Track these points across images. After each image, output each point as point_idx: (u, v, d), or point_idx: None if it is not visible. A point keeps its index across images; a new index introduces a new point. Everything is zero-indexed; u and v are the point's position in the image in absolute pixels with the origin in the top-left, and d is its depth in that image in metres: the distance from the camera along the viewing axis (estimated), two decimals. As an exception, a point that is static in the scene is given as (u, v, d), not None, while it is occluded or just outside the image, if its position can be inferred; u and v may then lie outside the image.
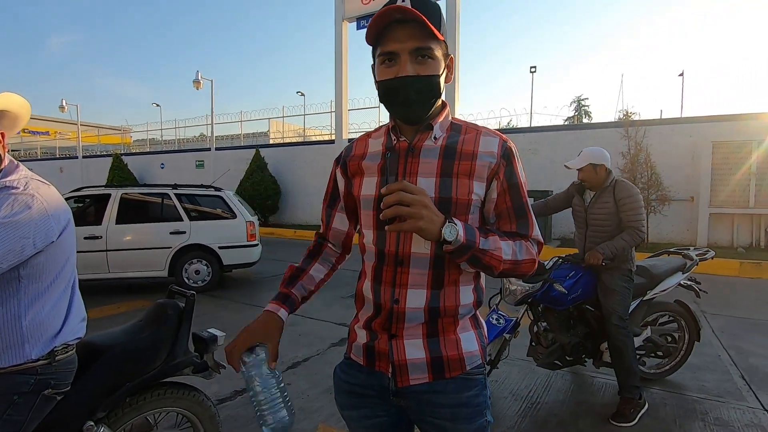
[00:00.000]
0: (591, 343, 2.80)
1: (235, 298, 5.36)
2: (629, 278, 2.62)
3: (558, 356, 2.74)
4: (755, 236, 8.24)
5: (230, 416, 2.54)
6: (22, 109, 1.25)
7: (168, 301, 1.66)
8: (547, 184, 9.51)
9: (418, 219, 0.79)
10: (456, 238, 0.82)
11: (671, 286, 2.91)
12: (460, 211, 0.91)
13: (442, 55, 0.91)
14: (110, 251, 5.23)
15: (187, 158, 16.35)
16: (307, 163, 13.38)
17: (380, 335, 0.97)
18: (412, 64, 0.87)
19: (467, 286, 0.97)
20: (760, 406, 2.67)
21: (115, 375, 1.44)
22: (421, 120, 0.93)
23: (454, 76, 5.56)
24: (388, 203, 0.79)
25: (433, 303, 0.93)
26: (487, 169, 0.92)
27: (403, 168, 0.94)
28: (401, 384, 0.95)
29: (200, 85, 14.16)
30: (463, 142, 0.94)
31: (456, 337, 0.95)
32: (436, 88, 0.90)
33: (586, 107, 32.31)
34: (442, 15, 0.90)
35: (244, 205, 6.23)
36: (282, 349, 1.01)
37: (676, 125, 9.02)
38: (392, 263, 0.94)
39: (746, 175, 7.91)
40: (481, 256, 0.86)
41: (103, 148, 24.68)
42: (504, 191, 0.93)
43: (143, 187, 6.12)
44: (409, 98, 0.89)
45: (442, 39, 0.90)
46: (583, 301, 2.74)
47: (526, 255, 0.92)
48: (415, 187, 0.81)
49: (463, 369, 0.95)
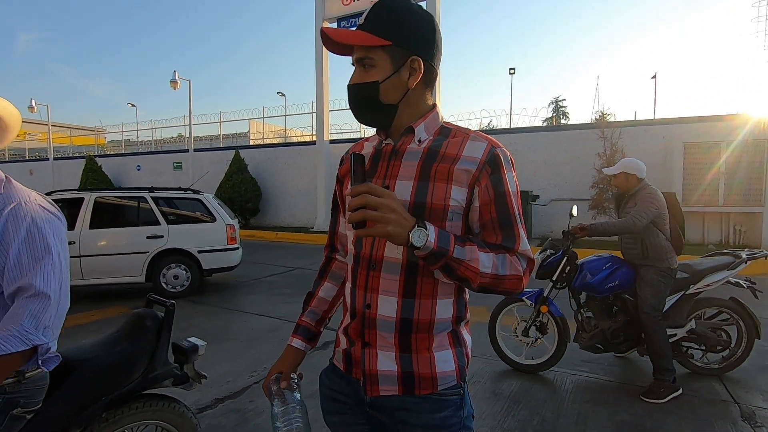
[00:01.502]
0: (632, 330, 3.02)
1: (216, 303, 5.26)
2: (666, 274, 2.88)
3: (599, 340, 3.03)
4: (724, 233, 8.56)
5: (211, 425, 2.49)
6: (12, 119, 1.17)
7: (146, 311, 1.61)
8: (525, 185, 9.67)
9: (386, 223, 0.77)
10: (425, 244, 0.78)
11: (716, 281, 3.03)
12: (435, 216, 0.88)
13: (392, 59, 0.89)
14: (84, 257, 5.06)
15: (164, 160, 15.98)
16: (288, 165, 13.24)
17: (356, 342, 0.97)
18: (358, 73, 0.92)
19: (446, 300, 0.93)
20: (732, 398, 2.77)
21: (90, 390, 1.39)
22: (376, 124, 0.96)
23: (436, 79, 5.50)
24: (353, 206, 0.77)
25: (405, 314, 0.91)
26: (468, 175, 0.88)
27: (384, 171, 0.93)
28: (371, 393, 0.94)
29: (177, 85, 13.85)
30: (447, 146, 0.91)
31: (430, 355, 0.92)
32: (375, 93, 0.90)
33: (563, 108, 32.94)
34: (401, 18, 0.89)
35: (223, 207, 6.12)
36: (264, 355, 1.04)
37: (650, 126, 9.30)
38: (366, 266, 0.94)
39: (716, 175, 8.21)
40: (455, 266, 0.82)
41: (76, 150, 23.89)
42: (489, 200, 0.88)
43: (118, 191, 5.95)
44: (355, 104, 0.94)
45: (387, 44, 0.88)
46: (621, 291, 3.01)
47: (510, 270, 0.86)
48: (383, 190, 0.79)
49: (434, 389, 0.92)
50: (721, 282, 3.05)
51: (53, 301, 1.12)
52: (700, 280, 3.02)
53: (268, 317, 4.60)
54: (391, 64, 0.89)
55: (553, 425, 2.48)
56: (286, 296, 5.50)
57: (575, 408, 2.67)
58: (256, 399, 2.79)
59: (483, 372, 3.20)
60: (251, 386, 2.97)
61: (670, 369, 2.78)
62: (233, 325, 4.37)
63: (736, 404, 2.70)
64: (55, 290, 1.13)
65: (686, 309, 3.05)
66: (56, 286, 1.14)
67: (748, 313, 3.03)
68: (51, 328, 1.12)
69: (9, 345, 1.04)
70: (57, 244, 1.16)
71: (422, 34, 0.91)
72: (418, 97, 0.94)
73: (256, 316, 4.67)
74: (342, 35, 0.90)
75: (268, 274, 6.92)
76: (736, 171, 8.08)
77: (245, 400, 2.78)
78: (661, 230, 2.87)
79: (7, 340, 1.04)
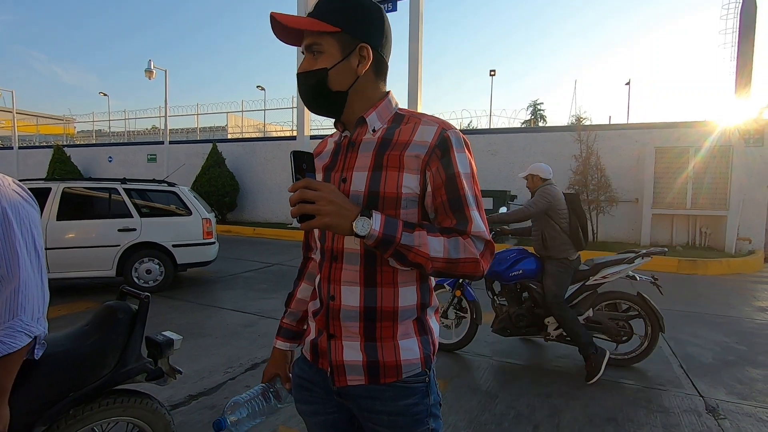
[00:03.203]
0: (535, 316, 3.34)
1: (190, 298, 5.13)
2: (565, 265, 3.21)
3: (506, 324, 3.38)
4: (691, 235, 8.91)
5: (184, 422, 2.42)
6: None
7: (118, 304, 1.55)
8: (504, 184, 9.82)
9: (324, 215, 0.79)
10: (369, 232, 0.80)
11: (613, 273, 3.28)
12: (389, 205, 0.87)
13: (340, 46, 0.89)
14: (50, 249, 4.84)
15: (138, 152, 15.47)
16: (267, 160, 13.04)
17: (323, 333, 0.97)
18: (307, 60, 0.92)
19: (408, 287, 0.93)
20: (696, 392, 2.88)
21: (57, 385, 1.32)
22: (327, 113, 0.95)
23: (418, 78, 5.64)
24: (292, 201, 0.79)
25: (368, 302, 0.91)
26: (417, 160, 0.87)
27: (342, 163, 0.94)
28: (338, 384, 0.95)
29: (153, 74, 13.45)
30: (400, 133, 0.91)
31: (395, 344, 0.92)
32: (323, 80, 0.89)
33: (541, 111, 33.57)
34: (351, 6, 0.89)
35: (200, 201, 5.97)
36: (241, 351, 1.04)
37: (623, 131, 9.58)
38: (329, 258, 0.95)
39: (685, 179, 8.54)
40: (404, 252, 0.82)
41: (43, 139, 22.85)
42: (440, 184, 0.87)
43: (89, 181, 5.71)
44: (304, 93, 0.93)
45: (335, 30, 0.88)
46: (526, 279, 3.34)
47: (464, 253, 0.84)
48: (320, 183, 0.80)
49: (398, 377, 0.92)
50: (620, 275, 3.28)
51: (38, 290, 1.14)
52: (598, 273, 3.30)
53: (244, 313, 4.52)
54: (340, 51, 0.89)
55: (529, 419, 2.53)
56: (262, 292, 5.41)
57: (550, 402, 2.73)
58: (232, 395, 2.73)
59: (459, 367, 3.23)
60: (227, 382, 2.91)
61: (589, 342, 3.08)
62: (209, 321, 4.27)
63: (701, 397, 2.81)
64: (37, 280, 1.13)
65: (590, 300, 3.31)
66: (37, 275, 1.14)
67: (651, 307, 3.22)
68: (42, 318, 1.16)
69: (18, 341, 1.08)
70: (34, 231, 1.15)
71: (372, 22, 0.92)
72: (368, 86, 0.94)
73: (232, 311, 4.58)
74: (291, 20, 0.88)
75: (245, 269, 6.80)
76: (704, 176, 8.42)
77: (220, 397, 2.73)
78: (557, 223, 3.21)
79: (14, 337, 1.08)
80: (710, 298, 5.49)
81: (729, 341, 3.90)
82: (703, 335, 4.05)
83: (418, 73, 9.81)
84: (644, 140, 9.09)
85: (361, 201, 0.88)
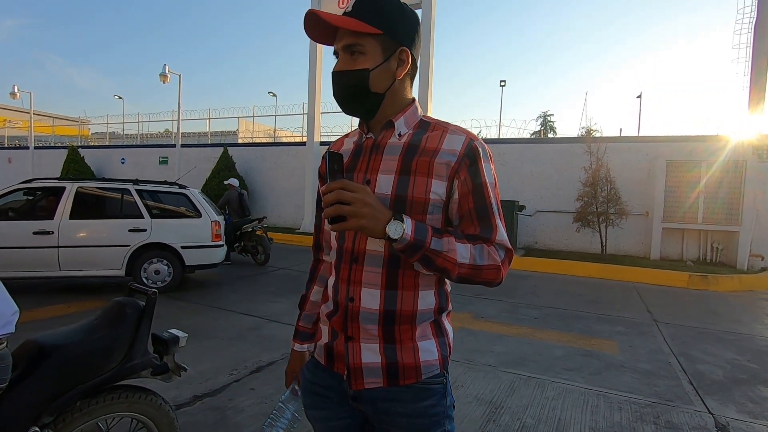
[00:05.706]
0: None
1: (197, 300, 5.16)
2: None
3: None
4: (702, 250, 8.77)
5: (189, 423, 2.43)
6: None
7: (127, 299, 1.57)
8: (512, 195, 9.78)
9: (360, 217, 0.78)
10: (401, 236, 0.80)
11: None
12: (416, 210, 0.88)
13: (382, 48, 0.90)
14: (62, 248, 4.92)
15: (150, 154, 15.69)
16: (277, 165, 13.14)
17: (339, 335, 0.97)
18: (344, 60, 0.91)
19: (427, 291, 0.94)
20: (706, 409, 2.82)
21: (64, 377, 1.34)
22: (362, 114, 0.95)
23: (429, 80, 5.64)
24: (327, 202, 0.79)
25: (388, 305, 0.91)
26: (447, 168, 0.89)
27: (366, 165, 0.94)
28: (355, 387, 0.94)
29: (167, 78, 13.65)
30: (427, 140, 0.92)
31: (414, 345, 0.92)
32: (364, 81, 0.90)
33: (551, 122, 33.46)
34: (390, 9, 0.90)
35: (209, 203, 6.04)
36: (246, 354, 1.04)
37: (634, 143, 9.51)
38: (348, 260, 0.94)
39: (697, 194, 8.43)
40: (433, 257, 0.83)
41: (58, 140, 23.28)
42: (467, 192, 0.90)
43: (101, 182, 5.80)
44: (340, 92, 0.93)
45: (377, 32, 0.88)
46: None
47: (488, 260, 0.87)
48: (357, 185, 0.80)
49: (418, 378, 0.92)
50: None
51: None
52: None
53: (250, 316, 4.53)
54: (381, 53, 0.90)
55: (534, 430, 2.49)
56: (269, 295, 5.42)
57: (555, 415, 2.69)
58: (236, 397, 2.74)
59: (465, 376, 3.20)
60: (231, 384, 2.91)
61: None
62: (215, 323, 4.29)
63: (711, 415, 2.75)
64: None
65: None
66: None
67: None
68: None
69: None
70: None
71: (409, 26, 0.93)
72: (401, 89, 0.95)
73: (239, 314, 4.59)
74: (334, 18, 0.88)
75: (253, 273, 6.83)
76: (716, 190, 8.31)
77: (225, 398, 2.73)
78: None
79: None
80: (721, 315, 5.39)
81: (740, 359, 3.82)
82: (713, 352, 3.97)
83: (429, 81, 9.86)
84: (655, 153, 9.01)
85: (387, 204, 0.89)
